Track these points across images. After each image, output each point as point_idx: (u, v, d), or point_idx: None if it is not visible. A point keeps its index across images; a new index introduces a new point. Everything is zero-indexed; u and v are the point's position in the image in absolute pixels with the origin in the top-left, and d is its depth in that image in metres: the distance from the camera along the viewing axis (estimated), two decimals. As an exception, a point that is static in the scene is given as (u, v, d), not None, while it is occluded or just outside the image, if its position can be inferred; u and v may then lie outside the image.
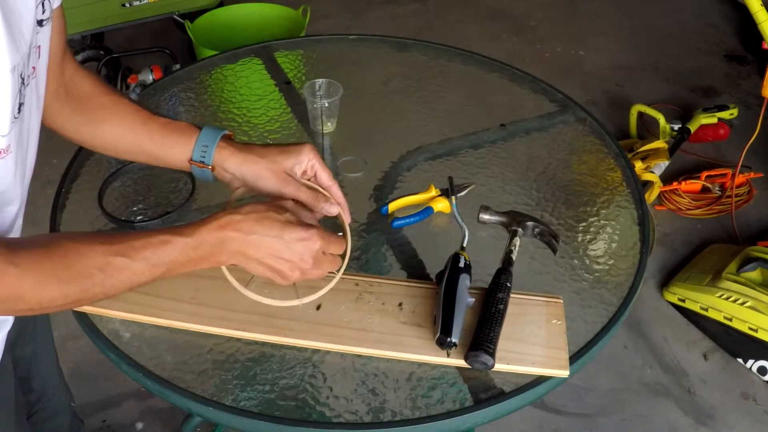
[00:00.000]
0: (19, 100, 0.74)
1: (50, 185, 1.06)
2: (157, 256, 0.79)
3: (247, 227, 0.83)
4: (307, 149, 0.95)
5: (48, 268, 0.74)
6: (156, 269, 0.80)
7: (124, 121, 0.98)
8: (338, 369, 0.97)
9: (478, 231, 1.16)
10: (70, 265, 0.76)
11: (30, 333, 1.16)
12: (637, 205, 1.27)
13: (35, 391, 1.23)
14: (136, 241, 0.79)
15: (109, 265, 0.77)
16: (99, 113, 0.99)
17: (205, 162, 0.95)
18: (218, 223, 0.82)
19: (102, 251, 0.77)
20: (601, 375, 2.07)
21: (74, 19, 2.77)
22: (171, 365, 0.97)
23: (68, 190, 1.24)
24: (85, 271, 0.76)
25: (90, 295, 0.78)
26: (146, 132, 0.97)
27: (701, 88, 3.28)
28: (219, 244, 0.83)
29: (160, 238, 0.80)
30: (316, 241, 0.85)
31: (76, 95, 0.98)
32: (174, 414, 1.90)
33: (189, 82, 1.56)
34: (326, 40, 1.77)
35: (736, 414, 2.01)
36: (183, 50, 3.16)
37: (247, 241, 0.83)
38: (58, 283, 0.75)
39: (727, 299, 2.09)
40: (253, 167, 0.94)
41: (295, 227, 0.84)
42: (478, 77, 1.62)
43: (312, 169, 0.97)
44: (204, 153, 0.94)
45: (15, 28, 0.71)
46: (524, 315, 1.02)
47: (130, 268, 0.78)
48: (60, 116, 0.97)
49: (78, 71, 0.99)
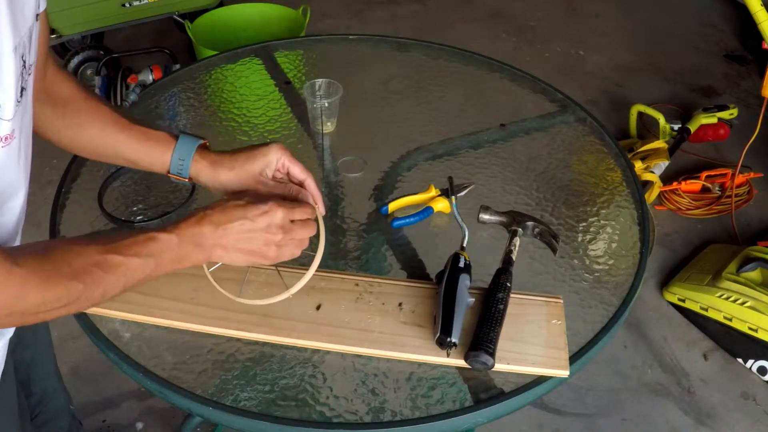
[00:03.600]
0: (21, 84, 0.75)
1: (50, 185, 1.06)
2: (146, 252, 0.83)
3: (216, 219, 0.87)
4: (273, 149, 0.97)
5: (50, 267, 0.76)
6: (147, 265, 0.83)
7: (104, 126, 0.99)
8: (338, 369, 0.97)
9: (478, 231, 1.16)
10: (71, 262, 0.77)
11: (30, 337, 1.16)
12: (637, 205, 1.27)
13: (35, 394, 1.23)
14: (126, 239, 0.83)
15: (105, 261, 0.80)
16: (79, 117, 1.00)
17: (182, 175, 0.99)
18: (195, 219, 0.87)
19: (96, 249, 0.80)
20: (601, 375, 2.07)
21: (74, 19, 2.77)
22: (171, 365, 0.97)
23: (68, 190, 1.24)
24: (84, 267, 0.78)
25: (93, 294, 0.80)
26: (125, 139, 0.99)
27: (701, 88, 3.29)
28: (198, 240, 0.87)
29: (146, 234, 0.84)
30: (276, 210, 0.89)
31: (56, 98, 0.98)
32: (174, 414, 1.90)
33: (189, 82, 1.56)
34: (326, 40, 1.77)
35: (736, 414, 2.01)
36: (183, 50, 3.16)
37: (218, 232, 0.87)
38: (62, 280, 0.76)
39: (727, 299, 2.09)
40: (224, 179, 0.98)
41: (254, 204, 0.89)
42: (478, 77, 1.62)
43: (284, 168, 0.99)
44: (181, 167, 0.98)
45: (18, 8, 0.72)
46: (524, 315, 1.02)
47: (124, 264, 0.81)
48: (41, 119, 0.97)
49: (58, 74, 0.99)
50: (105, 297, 0.81)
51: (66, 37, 2.85)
